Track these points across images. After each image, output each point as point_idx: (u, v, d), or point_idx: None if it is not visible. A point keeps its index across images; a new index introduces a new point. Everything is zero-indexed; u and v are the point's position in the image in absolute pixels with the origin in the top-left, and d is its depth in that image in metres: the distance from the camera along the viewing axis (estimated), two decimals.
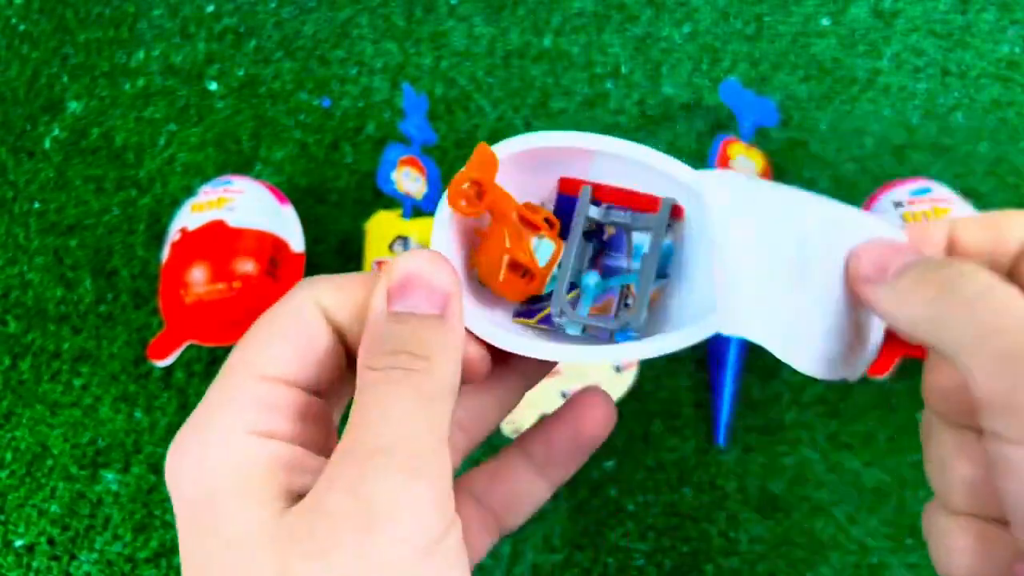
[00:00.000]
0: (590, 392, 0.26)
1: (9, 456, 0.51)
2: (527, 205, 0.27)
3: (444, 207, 0.26)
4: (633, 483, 0.47)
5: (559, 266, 0.27)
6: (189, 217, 0.50)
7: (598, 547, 0.45)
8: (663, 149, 0.65)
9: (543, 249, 0.26)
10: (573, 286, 0.27)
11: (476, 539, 0.25)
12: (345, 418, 0.21)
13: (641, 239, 0.27)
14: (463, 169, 0.27)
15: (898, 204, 0.48)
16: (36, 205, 0.59)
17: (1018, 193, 0.55)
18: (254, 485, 0.19)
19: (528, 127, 0.60)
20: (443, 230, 0.26)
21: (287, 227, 0.52)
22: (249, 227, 0.49)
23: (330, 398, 0.23)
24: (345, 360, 0.22)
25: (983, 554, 0.20)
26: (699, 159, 0.57)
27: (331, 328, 0.21)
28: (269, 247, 0.49)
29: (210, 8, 0.66)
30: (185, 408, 0.51)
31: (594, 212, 0.27)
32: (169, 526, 0.48)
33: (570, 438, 0.26)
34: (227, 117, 0.62)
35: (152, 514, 0.48)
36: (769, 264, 0.24)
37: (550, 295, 0.27)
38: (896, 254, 0.22)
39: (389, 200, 0.57)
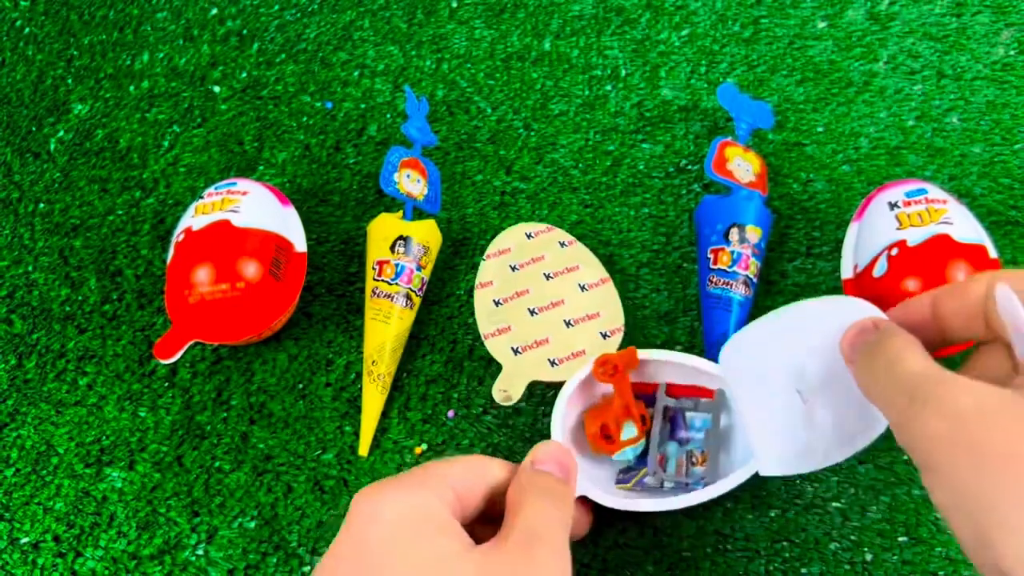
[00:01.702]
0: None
1: (15, 454, 0.51)
2: (638, 401, 0.45)
3: (587, 370, 0.45)
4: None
5: (647, 439, 0.45)
6: (194, 218, 0.51)
7: (596, 544, 0.46)
8: (661, 151, 0.65)
9: (628, 430, 0.44)
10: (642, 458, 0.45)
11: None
12: None
13: (692, 416, 0.46)
14: (615, 352, 0.45)
15: (893, 205, 0.48)
16: (41, 206, 0.60)
17: (1012, 195, 0.55)
18: (448, 522, 0.30)
19: (528, 129, 0.60)
20: (574, 383, 0.45)
21: (290, 228, 0.52)
22: (252, 228, 0.50)
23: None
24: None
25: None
26: (696, 161, 0.58)
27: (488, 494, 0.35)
28: (272, 247, 0.50)
29: (213, 11, 0.67)
30: (189, 407, 0.52)
31: (670, 402, 0.45)
32: (173, 523, 0.49)
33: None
34: (230, 119, 0.62)
35: (156, 511, 0.49)
36: (768, 409, 0.39)
37: (637, 467, 0.45)
38: (861, 334, 0.32)
39: (391, 201, 0.58)
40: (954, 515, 0.24)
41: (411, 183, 0.54)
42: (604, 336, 0.48)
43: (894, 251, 0.46)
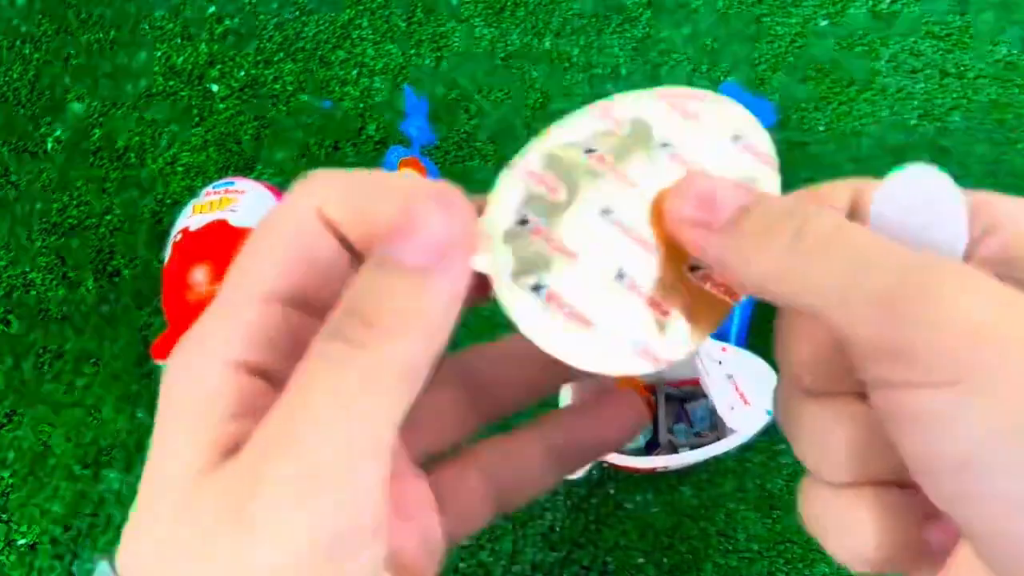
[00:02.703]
0: (623, 396, 0.24)
1: (12, 456, 0.51)
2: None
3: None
4: (632, 482, 0.47)
5: (655, 425, 0.48)
6: (191, 218, 0.51)
7: (597, 545, 0.45)
8: None
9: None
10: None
11: (476, 510, 0.23)
12: None
13: (692, 407, 0.49)
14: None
15: None
16: (38, 205, 0.60)
17: (1017, 194, 0.55)
18: (204, 428, 0.16)
19: (528, 128, 0.60)
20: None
21: None
22: (250, 228, 0.50)
23: (325, 310, 0.19)
24: (346, 268, 0.19)
25: (888, 521, 0.17)
26: None
27: (335, 238, 0.19)
28: None
29: (212, 9, 0.67)
30: None
31: (670, 390, 0.48)
32: None
33: (595, 436, 0.24)
34: (229, 118, 0.62)
35: None
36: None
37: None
38: (729, 190, 0.18)
39: None
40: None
41: None
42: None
43: None
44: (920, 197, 0.18)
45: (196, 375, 0.17)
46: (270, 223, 0.19)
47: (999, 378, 0.13)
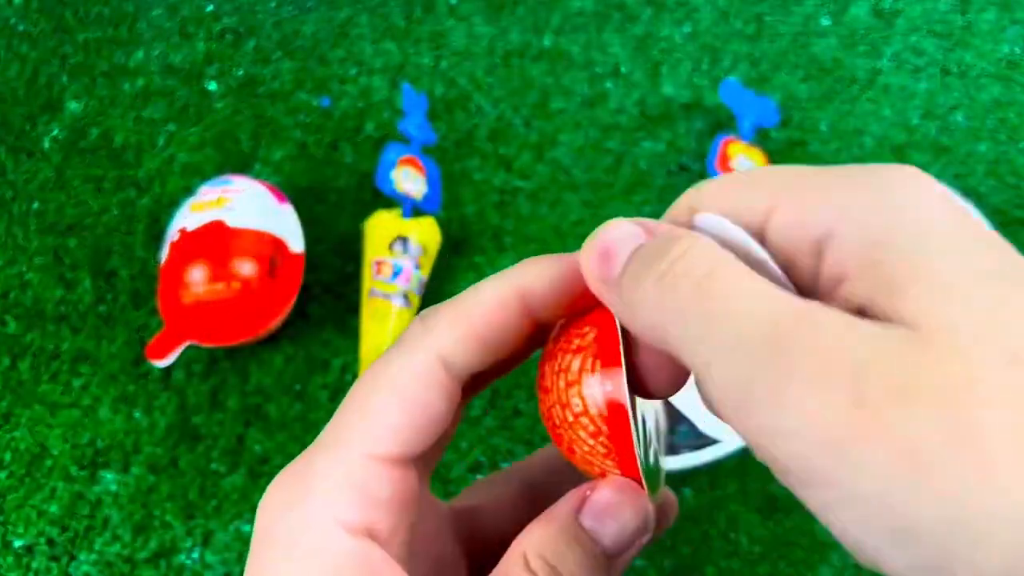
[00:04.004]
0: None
1: (8, 456, 0.51)
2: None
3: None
4: None
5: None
6: (188, 217, 0.50)
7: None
8: (663, 149, 0.65)
9: None
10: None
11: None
12: None
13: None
14: None
15: None
16: (35, 205, 0.59)
17: (1018, 193, 0.55)
18: None
19: (528, 127, 0.59)
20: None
21: (286, 227, 0.52)
22: (248, 227, 0.49)
23: (428, 457, 0.21)
24: (454, 409, 0.20)
25: None
26: (699, 159, 0.57)
27: (456, 384, 0.19)
28: (268, 247, 0.49)
29: (209, 8, 0.66)
30: (184, 409, 0.51)
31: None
32: (168, 526, 0.48)
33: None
34: (226, 117, 0.61)
35: (152, 515, 0.48)
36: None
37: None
38: (625, 238, 0.18)
39: (388, 200, 0.57)
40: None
41: (409, 181, 0.53)
42: None
43: None
44: (728, 242, 0.17)
45: (311, 533, 0.18)
46: (387, 372, 0.19)
47: (865, 478, 0.13)
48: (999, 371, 0.12)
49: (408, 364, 0.19)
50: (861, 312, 0.14)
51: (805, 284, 0.16)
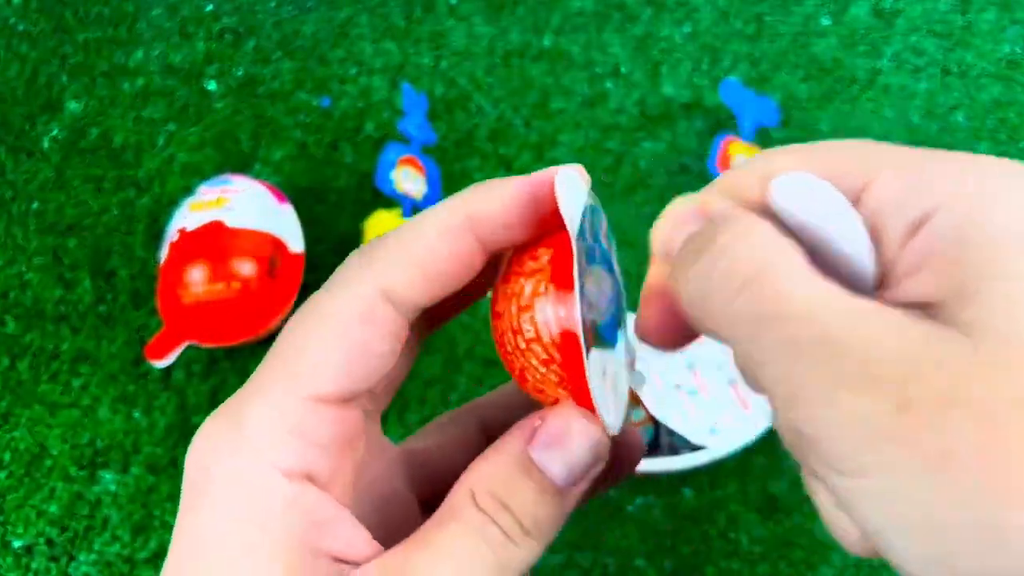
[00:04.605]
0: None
1: (8, 457, 0.51)
2: None
3: None
4: (633, 484, 0.47)
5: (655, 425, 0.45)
6: (188, 217, 0.50)
7: (598, 548, 0.45)
8: (663, 149, 0.64)
9: (636, 413, 0.46)
10: None
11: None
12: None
13: None
14: None
15: None
16: (35, 205, 0.59)
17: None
18: (265, 543, 0.16)
19: (528, 127, 0.59)
20: None
21: (286, 227, 0.51)
22: (248, 227, 0.49)
23: (377, 396, 0.20)
24: (410, 340, 0.19)
25: None
26: (699, 159, 0.57)
27: (401, 320, 0.18)
28: (268, 247, 0.49)
29: (209, 8, 0.66)
30: (184, 409, 0.51)
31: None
32: (168, 526, 0.48)
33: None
34: (226, 117, 0.61)
35: (151, 515, 0.48)
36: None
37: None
38: (684, 222, 0.17)
39: (388, 200, 0.57)
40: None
41: (409, 181, 0.53)
42: None
43: None
44: (814, 206, 0.16)
45: (246, 480, 0.17)
46: (325, 308, 0.18)
47: (898, 474, 0.13)
48: None
49: (346, 298, 0.18)
50: (925, 306, 0.14)
51: (883, 263, 0.16)
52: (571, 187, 0.18)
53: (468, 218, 0.18)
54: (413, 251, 0.18)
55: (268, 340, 0.52)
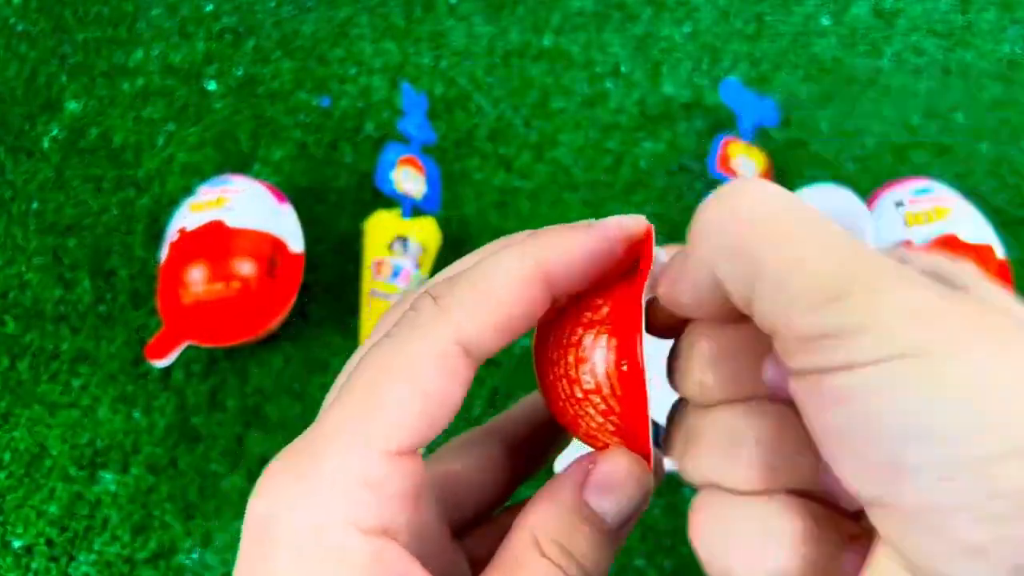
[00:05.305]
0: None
1: (8, 457, 0.51)
2: None
3: None
4: None
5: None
6: (188, 217, 0.50)
7: None
8: (663, 149, 0.65)
9: None
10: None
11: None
12: None
13: None
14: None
15: (899, 204, 0.48)
16: (34, 205, 0.59)
17: (1019, 193, 0.55)
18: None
19: (528, 127, 0.59)
20: None
21: (286, 227, 0.51)
22: (248, 227, 0.49)
23: None
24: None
25: (803, 532, 0.16)
26: (699, 159, 0.57)
27: (473, 369, 0.18)
28: (268, 247, 0.49)
29: (209, 8, 0.66)
30: (184, 409, 0.51)
31: None
32: (168, 527, 0.48)
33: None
34: (226, 117, 0.61)
35: (151, 515, 0.48)
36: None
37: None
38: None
39: (388, 200, 0.57)
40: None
41: (409, 181, 0.53)
42: None
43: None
44: (834, 209, 0.17)
45: (323, 536, 0.16)
46: (403, 357, 0.17)
47: (942, 351, 0.14)
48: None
49: (425, 350, 0.17)
50: None
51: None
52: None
53: (538, 265, 0.18)
54: (487, 300, 0.18)
55: (268, 340, 0.52)
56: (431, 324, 0.17)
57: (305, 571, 0.16)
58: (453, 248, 0.55)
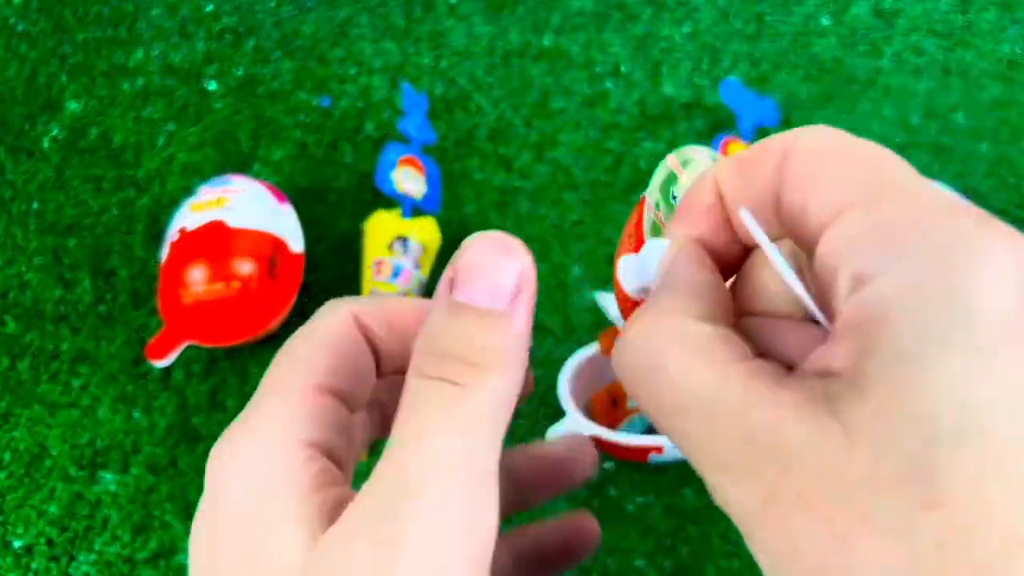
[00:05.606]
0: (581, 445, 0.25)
1: (8, 457, 0.51)
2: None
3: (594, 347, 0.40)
4: (633, 484, 0.47)
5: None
6: (188, 217, 0.50)
7: (598, 548, 0.45)
8: (663, 149, 0.64)
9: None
10: None
11: None
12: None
13: None
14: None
15: None
16: (35, 205, 0.59)
17: (1019, 193, 0.55)
18: (299, 501, 0.17)
19: (528, 126, 0.59)
20: (579, 360, 0.45)
21: (286, 227, 0.51)
22: (248, 227, 0.49)
23: (356, 409, 0.21)
24: (375, 372, 0.21)
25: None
26: None
27: (364, 337, 0.21)
28: (268, 247, 0.49)
29: (209, 8, 0.66)
30: (184, 409, 0.51)
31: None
32: (168, 527, 0.48)
33: (559, 540, 0.26)
34: (226, 117, 0.61)
35: (151, 515, 0.48)
36: None
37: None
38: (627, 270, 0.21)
39: (388, 200, 0.57)
40: None
41: (409, 181, 0.53)
42: None
43: None
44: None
45: (273, 454, 0.18)
46: (312, 325, 0.20)
47: (762, 557, 0.14)
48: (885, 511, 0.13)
49: (326, 315, 0.20)
50: (836, 375, 0.14)
51: (831, 311, 0.15)
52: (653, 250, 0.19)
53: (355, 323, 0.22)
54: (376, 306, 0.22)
55: (268, 340, 0.52)
56: (332, 303, 0.21)
57: (254, 483, 0.18)
58: (453, 248, 0.55)
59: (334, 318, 0.20)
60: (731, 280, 0.18)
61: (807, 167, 0.16)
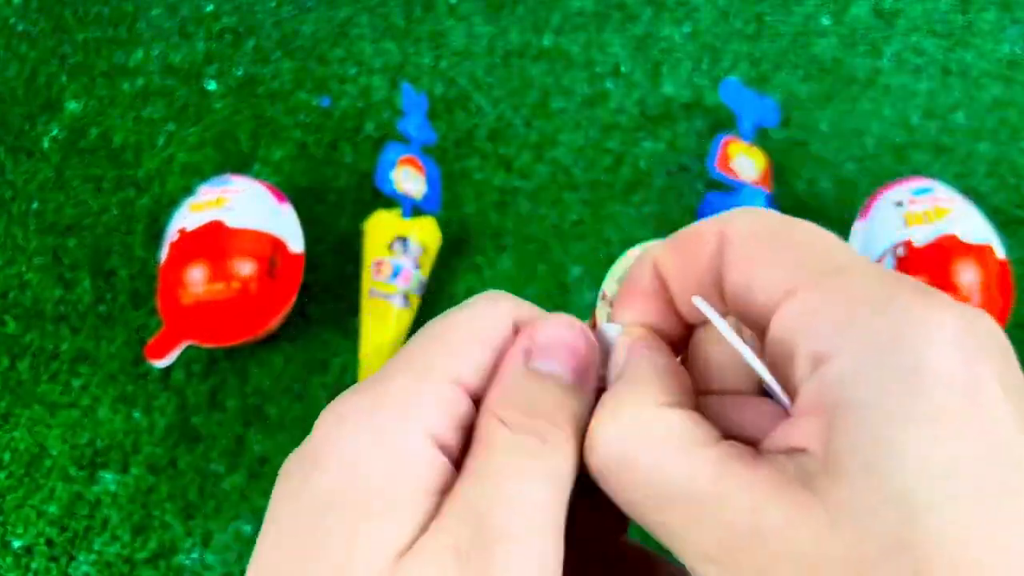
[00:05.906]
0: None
1: (7, 457, 0.51)
2: None
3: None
4: None
5: None
6: (188, 217, 0.50)
7: None
8: (663, 149, 0.65)
9: None
10: None
11: None
12: None
13: None
14: None
15: (899, 204, 0.48)
16: (35, 205, 0.59)
17: (1019, 193, 0.55)
18: (413, 499, 0.17)
19: (528, 126, 0.59)
20: None
21: (286, 227, 0.51)
22: (247, 227, 0.49)
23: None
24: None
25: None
26: (699, 159, 0.57)
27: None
28: (268, 247, 0.49)
29: (209, 8, 0.66)
30: (184, 409, 0.51)
31: None
32: (168, 527, 0.48)
33: None
34: (226, 117, 0.61)
35: (151, 515, 0.48)
36: None
37: None
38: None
39: (388, 200, 0.57)
40: None
41: (409, 181, 0.53)
42: None
43: (900, 251, 0.46)
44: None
45: (408, 443, 0.17)
46: (472, 313, 0.19)
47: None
48: None
49: (485, 313, 0.19)
50: (804, 451, 0.14)
51: (791, 390, 0.16)
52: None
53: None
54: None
55: (268, 340, 0.52)
56: (490, 303, 0.19)
57: (378, 461, 0.17)
58: (453, 248, 0.55)
59: (497, 317, 0.19)
60: (678, 360, 0.19)
61: (747, 250, 0.17)
